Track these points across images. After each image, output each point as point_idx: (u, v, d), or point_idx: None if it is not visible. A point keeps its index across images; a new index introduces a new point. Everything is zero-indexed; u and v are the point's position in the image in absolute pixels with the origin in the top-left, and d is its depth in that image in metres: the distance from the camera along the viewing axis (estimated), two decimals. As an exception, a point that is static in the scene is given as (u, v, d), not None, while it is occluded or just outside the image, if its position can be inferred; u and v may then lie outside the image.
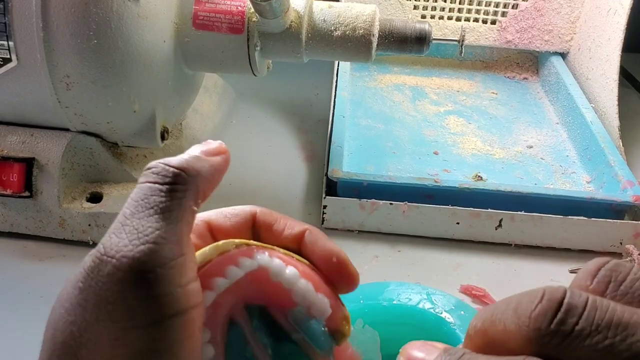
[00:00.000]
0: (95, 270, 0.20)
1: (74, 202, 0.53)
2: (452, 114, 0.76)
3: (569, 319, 0.18)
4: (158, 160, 0.23)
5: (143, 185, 0.22)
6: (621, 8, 0.69)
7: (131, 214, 0.21)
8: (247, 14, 0.51)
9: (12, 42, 0.47)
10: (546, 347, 0.19)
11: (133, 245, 0.20)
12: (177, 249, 0.21)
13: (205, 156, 0.24)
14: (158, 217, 0.21)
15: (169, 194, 0.22)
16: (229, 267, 0.24)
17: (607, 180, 0.62)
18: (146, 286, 0.20)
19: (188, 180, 0.22)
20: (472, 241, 0.59)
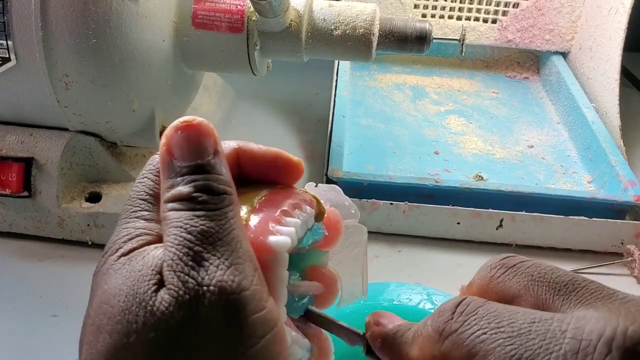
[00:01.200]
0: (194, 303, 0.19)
1: (72, 202, 0.53)
2: (452, 113, 0.76)
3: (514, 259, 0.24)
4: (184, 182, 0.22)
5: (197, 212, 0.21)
6: (622, 7, 0.69)
7: (200, 243, 0.20)
8: (246, 13, 0.51)
9: (11, 41, 0.46)
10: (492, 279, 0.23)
11: (222, 270, 0.20)
12: (252, 266, 0.21)
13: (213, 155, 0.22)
14: (227, 241, 0.21)
15: (225, 217, 0.21)
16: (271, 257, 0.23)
17: (608, 180, 0.62)
18: (249, 305, 0.20)
19: (232, 199, 0.22)
20: (473, 241, 0.59)
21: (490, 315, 0.21)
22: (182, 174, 0.22)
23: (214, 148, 0.22)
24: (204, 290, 0.19)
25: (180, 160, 0.22)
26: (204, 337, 0.19)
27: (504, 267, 0.24)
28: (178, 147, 0.22)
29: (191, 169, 0.22)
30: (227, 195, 0.22)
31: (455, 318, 0.21)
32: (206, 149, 0.22)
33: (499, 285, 0.23)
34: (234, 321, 0.20)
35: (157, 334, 0.19)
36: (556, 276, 0.22)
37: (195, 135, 0.22)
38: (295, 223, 0.24)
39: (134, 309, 0.20)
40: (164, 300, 0.19)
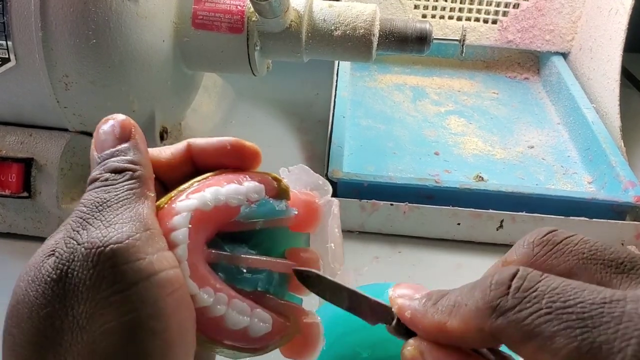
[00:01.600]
0: (70, 259, 0.22)
1: (72, 202, 0.53)
2: (452, 114, 0.76)
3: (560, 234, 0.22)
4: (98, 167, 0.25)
5: (96, 189, 0.24)
6: (622, 8, 0.69)
7: (89, 210, 0.23)
8: (246, 14, 0.51)
9: (11, 41, 0.46)
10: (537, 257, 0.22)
11: (99, 230, 0.22)
12: (140, 226, 0.23)
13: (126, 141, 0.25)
14: (117, 206, 0.23)
15: (122, 188, 0.24)
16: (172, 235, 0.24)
17: (608, 180, 0.62)
18: (116, 257, 0.22)
19: (136, 175, 0.24)
20: (473, 242, 0.59)
21: (553, 292, 0.19)
22: (98, 163, 0.25)
23: (127, 137, 0.25)
24: (78, 247, 0.22)
25: (99, 152, 0.25)
26: (78, 285, 0.22)
27: (549, 244, 0.22)
28: (98, 142, 0.25)
29: (105, 156, 0.25)
30: (130, 171, 0.24)
31: (512, 294, 0.20)
32: (119, 138, 0.25)
33: (545, 265, 0.22)
34: (101, 270, 0.22)
35: (39, 289, 0.22)
36: (610, 253, 0.21)
37: (111, 127, 0.26)
38: (214, 190, 0.25)
39: (28, 273, 0.23)
40: (49, 262, 0.23)
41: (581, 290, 0.19)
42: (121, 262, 0.22)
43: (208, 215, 0.25)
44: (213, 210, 0.25)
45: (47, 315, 0.22)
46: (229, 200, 0.26)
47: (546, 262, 0.22)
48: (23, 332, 0.22)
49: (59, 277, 0.22)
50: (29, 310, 0.22)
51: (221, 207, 0.26)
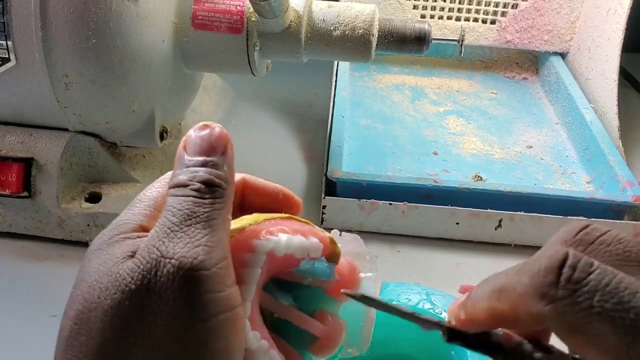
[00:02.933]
0: (153, 271, 0.21)
1: (72, 202, 0.53)
2: (451, 114, 0.76)
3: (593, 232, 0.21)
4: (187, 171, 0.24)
5: (186, 198, 0.23)
6: (621, 8, 0.69)
7: (179, 222, 0.22)
8: (246, 14, 0.51)
9: (11, 41, 0.46)
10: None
11: (189, 248, 0.21)
12: (222, 252, 0.23)
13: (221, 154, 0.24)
14: (205, 225, 0.22)
15: (211, 207, 0.23)
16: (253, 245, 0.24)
17: (606, 180, 0.62)
18: (205, 283, 0.21)
19: (224, 193, 0.24)
20: (472, 241, 0.59)
21: (605, 290, 0.19)
22: (187, 167, 0.24)
23: (222, 150, 0.24)
24: (165, 261, 0.21)
25: (191, 155, 0.24)
26: (158, 303, 0.21)
27: (582, 245, 0.22)
28: (191, 144, 0.24)
29: (197, 163, 0.24)
30: (220, 188, 0.23)
31: (563, 284, 0.19)
32: (215, 148, 0.24)
33: None
34: (187, 294, 0.21)
35: (116, 298, 0.21)
36: None
37: (209, 135, 0.24)
38: (287, 238, 0.25)
39: (101, 278, 0.22)
40: (127, 267, 0.22)
41: (633, 292, 0.19)
42: (207, 290, 0.21)
43: (277, 260, 0.25)
44: (282, 257, 0.25)
45: (121, 327, 0.21)
46: (296, 251, 0.26)
47: None
48: (94, 340, 0.21)
49: (139, 288, 0.21)
50: (102, 317, 0.21)
51: (288, 256, 0.26)
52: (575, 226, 0.22)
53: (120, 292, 0.21)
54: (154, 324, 0.21)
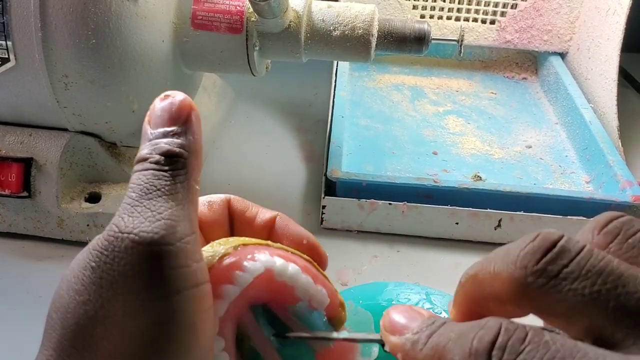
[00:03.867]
0: (111, 248, 0.21)
1: (72, 202, 0.53)
2: (451, 114, 0.76)
3: (559, 260, 0.18)
4: (149, 145, 0.23)
5: (146, 172, 0.23)
6: (620, 8, 0.69)
7: (139, 197, 0.22)
8: (245, 14, 0.51)
9: (11, 41, 0.46)
10: (529, 288, 0.18)
11: (150, 222, 0.21)
12: (189, 227, 0.22)
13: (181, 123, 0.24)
14: (167, 198, 0.22)
15: (172, 179, 0.22)
16: (236, 272, 0.24)
17: (606, 180, 0.62)
18: (166, 258, 0.21)
19: (185, 162, 0.23)
20: (471, 241, 0.59)
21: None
22: (149, 140, 0.24)
23: (184, 118, 0.24)
24: (122, 236, 0.21)
25: (153, 127, 0.24)
26: (117, 279, 0.21)
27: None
28: (153, 116, 0.24)
29: (158, 135, 0.23)
30: (182, 158, 0.23)
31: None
32: (176, 118, 0.24)
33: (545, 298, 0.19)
34: (147, 270, 0.21)
35: (78, 274, 0.21)
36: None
37: (169, 105, 0.24)
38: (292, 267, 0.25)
39: (75, 262, 0.22)
40: (90, 247, 0.22)
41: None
42: (169, 265, 0.21)
43: (274, 283, 0.25)
44: (280, 284, 0.25)
45: (82, 302, 0.21)
46: (297, 287, 0.25)
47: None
48: (60, 317, 0.22)
49: (97, 265, 0.21)
50: (67, 295, 0.22)
51: (288, 288, 0.25)
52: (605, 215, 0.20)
53: (82, 269, 0.21)
54: (114, 300, 0.21)
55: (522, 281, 0.18)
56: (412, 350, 0.20)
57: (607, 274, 0.17)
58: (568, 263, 0.18)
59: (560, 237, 0.18)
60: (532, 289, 0.18)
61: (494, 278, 0.19)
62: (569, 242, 0.18)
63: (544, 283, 0.18)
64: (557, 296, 0.18)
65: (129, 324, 0.21)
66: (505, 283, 0.19)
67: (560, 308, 0.18)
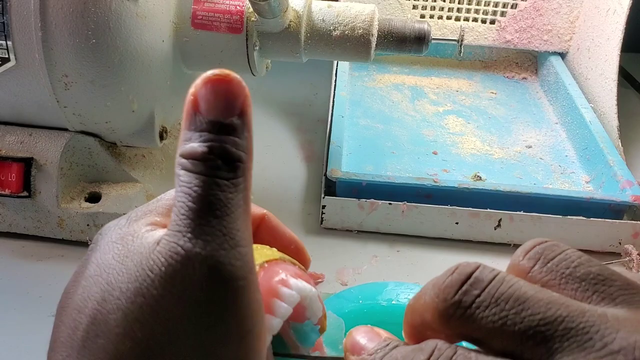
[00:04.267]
0: (178, 276, 0.19)
1: (72, 202, 0.53)
2: (451, 113, 0.76)
3: (473, 291, 0.19)
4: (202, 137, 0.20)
5: (204, 178, 0.20)
6: (620, 8, 0.69)
7: (203, 212, 0.19)
8: (245, 14, 0.51)
9: (11, 41, 0.46)
10: (451, 319, 0.20)
11: (225, 251, 0.19)
12: (252, 249, 0.21)
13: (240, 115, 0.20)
14: (234, 217, 0.20)
15: (235, 189, 0.20)
16: (275, 301, 0.23)
17: (606, 180, 0.62)
18: (240, 296, 0.19)
19: (245, 169, 0.21)
20: (471, 241, 0.59)
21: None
22: (202, 130, 0.20)
23: (240, 108, 0.21)
24: (194, 264, 0.19)
25: (204, 114, 0.20)
26: (186, 315, 0.19)
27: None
28: (204, 100, 0.21)
29: (212, 125, 0.20)
30: (241, 163, 0.20)
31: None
32: (233, 107, 0.21)
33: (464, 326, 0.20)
34: (221, 309, 0.19)
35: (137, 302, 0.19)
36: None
37: (224, 90, 0.21)
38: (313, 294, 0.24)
39: (119, 275, 0.19)
40: (147, 266, 0.19)
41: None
42: (242, 304, 0.19)
43: (298, 308, 0.24)
44: (301, 308, 0.24)
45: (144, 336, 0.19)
46: (309, 310, 0.25)
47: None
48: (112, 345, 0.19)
49: (163, 294, 0.19)
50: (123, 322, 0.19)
51: (301, 309, 0.24)
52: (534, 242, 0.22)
53: (142, 297, 0.19)
54: (184, 336, 0.19)
55: (444, 313, 0.20)
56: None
57: (514, 299, 0.19)
58: (480, 293, 0.19)
59: (476, 268, 0.20)
60: (453, 319, 0.20)
61: (425, 309, 0.21)
62: (482, 272, 0.20)
63: (462, 314, 0.19)
64: (473, 325, 0.19)
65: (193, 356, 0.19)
66: (434, 314, 0.20)
67: (478, 334, 0.19)
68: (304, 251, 0.28)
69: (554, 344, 0.18)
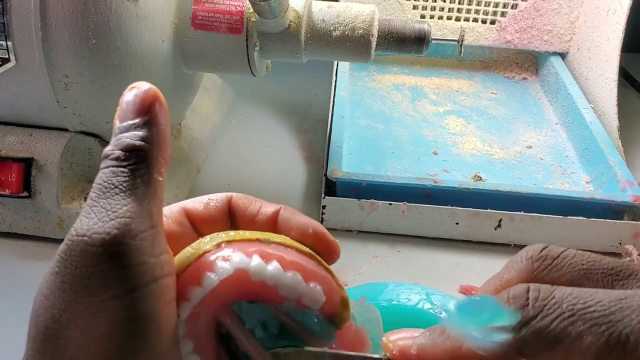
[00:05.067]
0: (69, 252, 0.21)
1: (72, 202, 0.53)
2: (451, 114, 0.76)
3: (555, 249, 0.23)
4: (113, 140, 0.23)
5: (105, 169, 0.22)
6: (620, 8, 0.69)
7: (97, 197, 0.22)
8: (246, 14, 0.51)
9: (11, 42, 0.47)
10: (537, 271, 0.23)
11: (103, 222, 0.21)
12: (147, 222, 0.22)
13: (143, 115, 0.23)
14: (124, 195, 0.22)
15: (131, 173, 0.22)
16: (205, 273, 0.23)
17: (606, 180, 0.62)
18: (119, 258, 0.21)
19: (146, 155, 0.23)
20: (472, 241, 0.59)
21: (570, 297, 0.20)
22: (116, 135, 0.23)
23: (145, 110, 0.23)
24: (78, 239, 0.21)
25: (120, 121, 0.23)
26: (76, 281, 0.21)
27: (548, 259, 0.23)
28: (120, 110, 0.23)
29: (122, 129, 0.23)
30: (142, 151, 0.22)
31: (532, 304, 0.20)
32: (141, 109, 0.23)
33: (547, 278, 0.22)
34: (101, 271, 0.21)
35: (44, 280, 0.22)
36: (606, 263, 0.22)
37: (133, 97, 0.23)
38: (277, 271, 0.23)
39: None
40: (58, 250, 0.22)
41: (595, 292, 0.20)
42: (124, 264, 0.21)
43: (252, 284, 0.24)
44: (259, 284, 0.24)
45: (49, 306, 0.21)
46: (282, 288, 0.24)
47: (548, 275, 0.23)
48: (33, 320, 0.22)
49: (59, 270, 0.21)
50: (38, 299, 0.22)
51: (269, 288, 0.24)
52: (537, 246, 0.24)
53: (49, 274, 0.22)
54: (75, 303, 0.21)
55: (531, 268, 0.23)
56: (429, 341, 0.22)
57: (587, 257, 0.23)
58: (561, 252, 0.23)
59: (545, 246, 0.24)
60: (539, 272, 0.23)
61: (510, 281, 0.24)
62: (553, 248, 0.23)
63: (549, 263, 0.23)
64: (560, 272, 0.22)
65: (91, 326, 0.21)
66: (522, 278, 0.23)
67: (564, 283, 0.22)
68: (324, 234, 0.27)
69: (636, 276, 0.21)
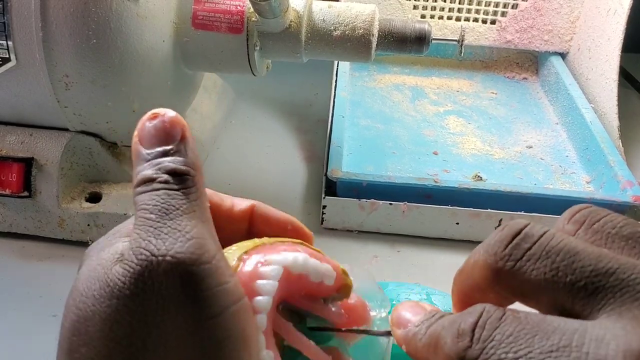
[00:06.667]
0: (147, 273, 0.20)
1: (73, 202, 0.53)
2: (451, 114, 0.76)
3: (523, 244, 0.20)
4: (150, 165, 0.23)
5: (158, 192, 0.22)
6: (621, 8, 0.69)
7: (159, 218, 0.21)
8: (246, 14, 0.51)
9: (11, 41, 0.47)
10: (501, 272, 0.21)
11: (182, 242, 0.21)
12: (215, 243, 0.22)
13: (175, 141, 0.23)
14: (189, 217, 0.21)
15: (186, 197, 0.22)
16: (257, 283, 0.24)
17: (606, 180, 0.62)
18: (208, 277, 0.20)
19: (194, 180, 0.23)
20: (472, 241, 0.59)
21: (506, 342, 0.19)
22: (148, 160, 0.23)
23: (180, 134, 0.23)
24: (157, 260, 0.20)
25: (149, 147, 0.23)
26: (162, 304, 0.20)
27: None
28: (146, 136, 0.23)
29: (157, 154, 0.23)
30: (189, 175, 0.22)
31: (474, 345, 0.20)
32: (172, 136, 0.23)
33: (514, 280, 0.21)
34: (192, 291, 0.20)
35: (112, 305, 0.20)
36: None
37: (162, 124, 0.23)
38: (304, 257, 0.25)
39: (92, 285, 0.21)
40: (116, 272, 0.21)
41: (532, 336, 0.19)
42: (212, 285, 0.20)
43: (293, 278, 0.25)
44: (297, 277, 0.25)
45: (125, 334, 0.20)
46: (311, 273, 0.25)
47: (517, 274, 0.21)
48: (97, 350, 0.20)
49: (134, 292, 0.20)
50: (101, 327, 0.20)
51: (303, 278, 0.25)
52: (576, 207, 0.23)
53: (116, 299, 0.20)
54: (163, 326, 0.20)
55: (494, 267, 0.21)
56: (413, 340, 0.23)
57: (565, 252, 0.20)
58: (531, 246, 0.20)
59: (525, 225, 0.21)
60: (503, 273, 0.21)
61: (474, 268, 0.22)
62: (532, 228, 0.21)
63: (512, 266, 0.20)
64: (523, 278, 0.20)
65: (183, 348, 0.20)
66: (483, 270, 0.21)
67: (527, 287, 0.20)
68: (302, 229, 0.29)
69: (605, 295, 0.18)
